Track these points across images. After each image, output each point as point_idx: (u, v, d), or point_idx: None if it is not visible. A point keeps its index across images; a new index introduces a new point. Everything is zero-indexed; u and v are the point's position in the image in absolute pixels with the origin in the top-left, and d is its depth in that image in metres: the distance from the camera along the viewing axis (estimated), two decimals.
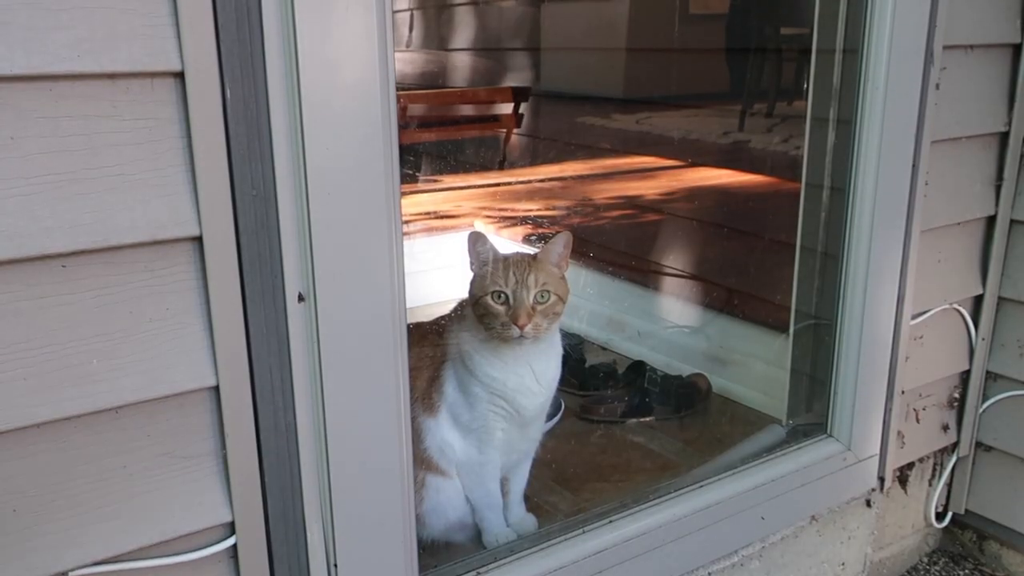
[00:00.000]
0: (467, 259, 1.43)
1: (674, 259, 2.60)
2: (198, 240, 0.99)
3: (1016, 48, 1.75)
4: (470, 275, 1.45)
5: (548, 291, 1.39)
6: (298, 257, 1.05)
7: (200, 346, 1.02)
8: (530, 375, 1.44)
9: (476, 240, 1.42)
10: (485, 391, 1.43)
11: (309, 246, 1.05)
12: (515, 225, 2.97)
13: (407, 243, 1.13)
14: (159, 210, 0.96)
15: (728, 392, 2.20)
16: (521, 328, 1.35)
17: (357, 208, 1.07)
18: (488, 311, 1.38)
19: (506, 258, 1.43)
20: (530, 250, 1.48)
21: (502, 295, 1.37)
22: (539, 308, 1.38)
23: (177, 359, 1.01)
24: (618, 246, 2.77)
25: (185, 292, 1.01)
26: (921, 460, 1.97)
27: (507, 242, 2.88)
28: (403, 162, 1.11)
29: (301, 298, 1.07)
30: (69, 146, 0.92)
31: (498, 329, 1.37)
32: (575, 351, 2.35)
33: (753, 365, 2.20)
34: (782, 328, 1.93)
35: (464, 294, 1.47)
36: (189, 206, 0.98)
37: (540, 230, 2.87)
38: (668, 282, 2.59)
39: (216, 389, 1.04)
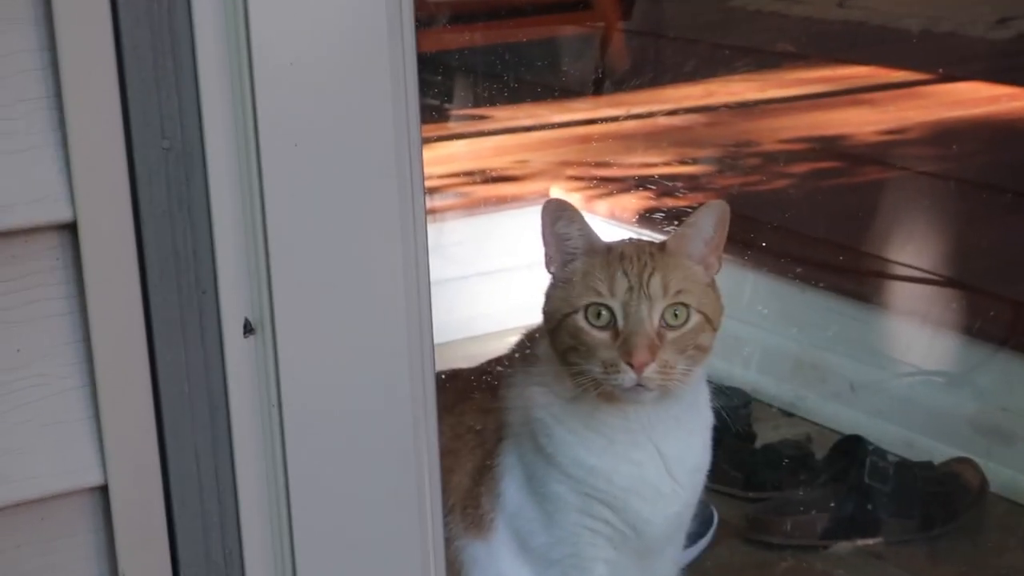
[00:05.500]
0: (541, 250, 1.43)
1: (914, 252, 2.57)
2: (70, 228, 1.00)
3: None
4: (546, 279, 1.45)
5: (686, 305, 1.38)
6: (242, 258, 1.06)
7: (75, 416, 1.03)
8: (656, 462, 1.44)
9: (557, 213, 1.42)
10: (575, 492, 1.44)
11: (262, 238, 1.05)
12: (623, 192, 2.96)
13: (434, 229, 1.13)
14: (2, 178, 0.97)
15: (1020, 491, 2.18)
16: (639, 370, 1.35)
17: (344, 167, 1.07)
18: (579, 340, 1.39)
19: (611, 247, 1.43)
20: (652, 236, 1.48)
21: (604, 311, 1.37)
22: (670, 335, 1.37)
23: (36, 439, 1.02)
24: (811, 229, 2.74)
25: (49, 320, 1.02)
26: None
27: (608, 225, 2.86)
28: (427, 86, 1.11)
29: (249, 329, 1.07)
30: None
31: (598, 374, 1.37)
32: (736, 419, 2.32)
33: None
34: None
35: (534, 316, 1.47)
36: (54, 170, 0.99)
37: (669, 202, 2.85)
38: (903, 293, 2.57)
39: (103, 490, 1.05)
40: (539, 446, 1.45)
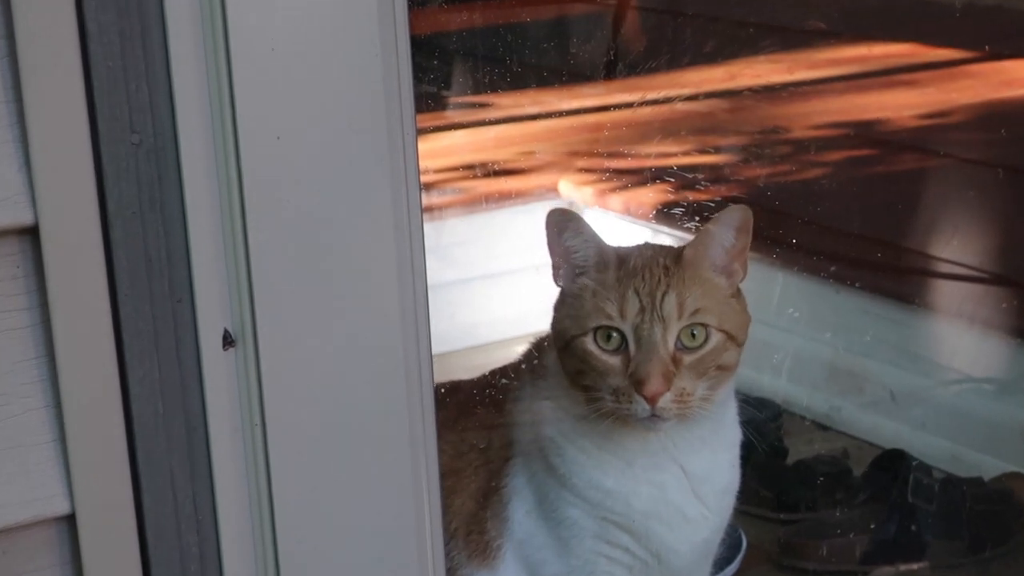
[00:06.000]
0: (547, 259, 1.43)
1: (960, 247, 2.57)
2: (31, 233, 1.00)
3: None
4: (554, 291, 1.45)
5: (706, 325, 1.38)
6: (221, 263, 1.06)
7: (38, 439, 1.03)
8: (680, 484, 1.44)
9: (563, 224, 1.42)
10: (591, 516, 1.44)
11: (242, 240, 1.05)
12: (638, 185, 2.95)
13: (432, 228, 1.12)
14: None
15: None
16: (652, 401, 1.35)
17: (332, 162, 1.07)
18: (589, 365, 1.39)
19: (623, 259, 1.42)
20: (671, 233, 1.47)
21: (614, 334, 1.38)
22: (688, 359, 1.37)
23: None
24: (846, 223, 2.74)
25: (9, 334, 1.01)
26: None
27: (623, 221, 2.86)
28: (422, 71, 1.11)
29: (229, 340, 1.07)
30: None
31: (609, 402, 1.38)
32: (766, 433, 2.32)
33: None
34: None
35: (542, 322, 1.47)
36: (13, 169, 0.99)
37: (689, 195, 2.85)
38: (948, 293, 2.57)
39: (71, 520, 1.05)
40: (550, 466, 1.45)
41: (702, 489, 1.45)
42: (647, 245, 1.47)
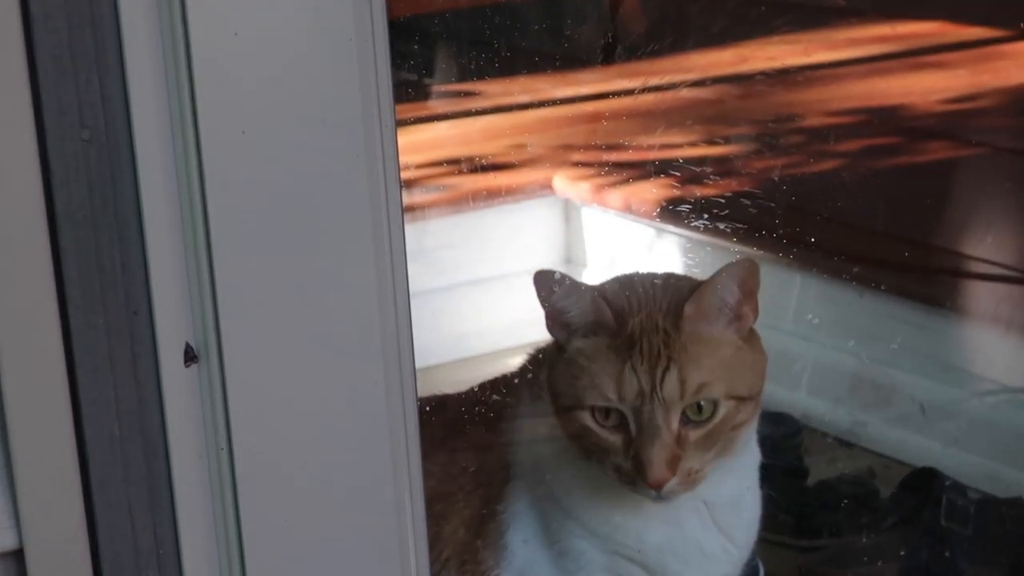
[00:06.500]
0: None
1: (995, 245, 2.57)
2: None
3: None
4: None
5: (713, 400, 1.38)
6: (182, 271, 1.06)
7: None
8: (701, 517, 1.46)
9: (550, 286, 1.41)
10: (599, 549, 1.45)
11: (204, 246, 1.05)
12: (640, 180, 2.95)
13: (414, 229, 1.12)
14: None
15: None
16: (658, 488, 1.35)
17: (303, 158, 1.07)
18: (587, 439, 1.40)
19: (619, 316, 1.41)
20: (678, 232, 1.47)
21: (613, 412, 1.38)
22: (694, 434, 1.37)
23: None
24: (869, 220, 2.74)
25: None
26: None
27: (623, 219, 2.85)
28: (401, 57, 1.10)
29: (191, 356, 1.07)
30: None
31: (612, 476, 1.39)
32: (785, 451, 2.32)
33: None
34: None
35: (537, 332, 1.47)
36: None
37: (696, 191, 2.85)
38: (982, 295, 2.57)
39: (18, 556, 1.05)
40: (553, 495, 1.46)
41: (727, 522, 1.46)
42: (646, 292, 1.44)
